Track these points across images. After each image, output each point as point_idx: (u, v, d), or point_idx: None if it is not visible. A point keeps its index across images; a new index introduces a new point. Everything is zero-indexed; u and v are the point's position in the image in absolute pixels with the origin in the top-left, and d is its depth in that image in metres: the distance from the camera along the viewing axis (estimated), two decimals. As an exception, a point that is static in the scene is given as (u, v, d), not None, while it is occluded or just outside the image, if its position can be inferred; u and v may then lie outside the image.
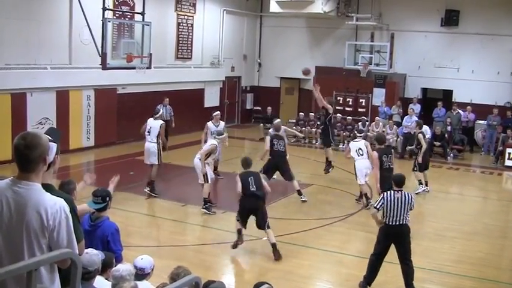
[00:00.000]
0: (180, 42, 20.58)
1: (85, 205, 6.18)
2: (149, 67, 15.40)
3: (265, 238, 9.86)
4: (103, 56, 14.17)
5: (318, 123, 19.83)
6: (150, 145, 12.33)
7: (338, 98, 21.55)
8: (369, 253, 9.25)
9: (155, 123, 12.44)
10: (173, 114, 17.80)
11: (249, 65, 25.05)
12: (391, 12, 21.92)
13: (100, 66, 14.53)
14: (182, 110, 18.81)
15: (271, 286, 4.52)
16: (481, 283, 8.51)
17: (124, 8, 17.38)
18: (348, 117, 20.52)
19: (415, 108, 19.73)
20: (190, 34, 21.01)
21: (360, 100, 21.47)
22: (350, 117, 20.51)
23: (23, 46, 14.66)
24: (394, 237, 7.87)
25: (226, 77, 23.27)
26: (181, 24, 20.49)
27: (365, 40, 22.67)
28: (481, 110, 19.62)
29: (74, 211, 3.62)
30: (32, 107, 14.96)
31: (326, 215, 11.50)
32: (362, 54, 22.05)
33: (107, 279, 4.89)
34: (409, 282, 7.84)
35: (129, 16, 17.60)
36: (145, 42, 14.98)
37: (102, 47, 14.07)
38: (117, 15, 17.05)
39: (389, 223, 7.78)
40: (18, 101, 14.61)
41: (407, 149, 17.22)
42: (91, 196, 6.29)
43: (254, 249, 9.65)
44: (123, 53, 15.11)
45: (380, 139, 10.96)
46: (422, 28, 21.44)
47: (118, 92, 17.78)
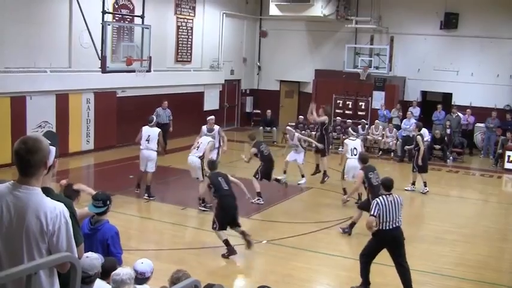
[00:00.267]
0: (180, 45, 20.60)
1: (85, 209, 6.18)
2: (149, 70, 15.41)
3: (264, 241, 9.88)
4: (103, 59, 14.20)
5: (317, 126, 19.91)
6: (150, 152, 12.36)
7: (338, 101, 21.61)
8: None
9: (153, 131, 12.47)
10: (172, 118, 17.81)
11: (249, 68, 25.06)
12: (391, 15, 21.95)
13: (100, 69, 14.55)
14: (182, 113, 18.80)
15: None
16: (481, 286, 8.50)
17: (124, 11, 17.38)
18: (348, 120, 20.50)
19: (414, 111, 19.73)
20: (189, 37, 21.03)
21: (360, 103, 21.49)
22: (350, 120, 20.49)
23: (23, 49, 14.66)
24: (391, 241, 7.84)
25: (225, 80, 23.29)
26: (180, 27, 20.51)
27: (364, 43, 22.69)
28: (481, 113, 19.65)
29: (74, 215, 3.63)
30: (32, 111, 14.94)
31: (325, 218, 11.49)
32: (361, 57, 22.09)
33: (109, 283, 4.88)
34: (409, 285, 7.82)
35: (129, 19, 17.60)
36: (144, 45, 15.01)
37: (101, 50, 14.10)
38: (116, 18, 17.05)
39: (385, 228, 7.76)
40: (17, 104, 14.60)
41: (405, 148, 17.16)
42: (91, 200, 6.30)
43: (254, 252, 9.64)
44: (122, 56, 15.13)
45: (364, 159, 11.11)
46: (421, 31, 21.47)
47: (118, 95, 17.77)
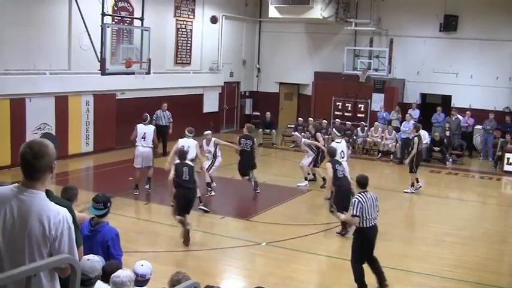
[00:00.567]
0: (179, 47, 20.60)
1: (84, 214, 6.20)
2: (148, 72, 15.39)
3: (264, 243, 9.88)
4: (102, 62, 14.16)
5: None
6: (147, 149, 12.78)
7: (337, 103, 21.66)
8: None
9: (149, 128, 12.89)
10: (172, 120, 17.82)
11: (248, 71, 25.07)
12: (390, 17, 21.97)
13: (99, 71, 14.52)
14: (181, 116, 18.77)
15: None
16: (480, 288, 8.51)
17: (123, 14, 17.40)
18: (347, 122, 20.53)
19: (414, 113, 19.72)
20: (189, 39, 21.04)
21: (359, 105, 21.51)
22: (349, 122, 20.52)
23: (23, 52, 14.67)
24: (371, 238, 7.88)
25: (225, 82, 23.29)
26: (180, 29, 20.52)
27: (364, 45, 22.71)
28: (480, 115, 19.64)
29: (73, 217, 3.63)
30: (31, 113, 14.94)
31: (325, 220, 11.49)
32: (361, 59, 22.10)
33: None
34: (383, 277, 7.86)
35: (128, 21, 17.62)
36: (144, 47, 14.98)
37: (101, 53, 14.07)
38: (116, 20, 17.04)
39: (367, 225, 7.79)
40: (17, 107, 14.60)
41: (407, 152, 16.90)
42: (91, 202, 6.31)
43: (253, 254, 9.65)
44: (122, 59, 15.09)
45: (332, 152, 11.39)
46: (421, 33, 21.50)
47: (117, 98, 17.78)
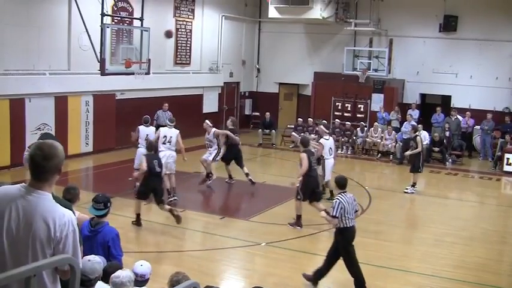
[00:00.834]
0: (179, 47, 20.60)
1: (84, 215, 6.21)
2: (148, 73, 15.39)
3: (264, 244, 9.89)
4: (102, 62, 14.16)
5: (317, 129, 19.90)
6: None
7: (336, 104, 21.67)
8: (368, 258, 9.26)
9: (150, 130, 13.12)
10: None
11: (248, 71, 25.07)
12: (390, 17, 21.97)
13: (99, 71, 14.52)
14: (181, 116, 18.68)
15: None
16: (480, 288, 8.51)
17: (123, 14, 17.39)
18: (347, 122, 20.54)
19: (413, 114, 19.72)
20: (189, 40, 21.04)
21: (359, 106, 21.51)
22: (349, 122, 20.52)
23: (22, 52, 14.67)
24: (352, 238, 7.96)
25: (224, 83, 23.29)
26: (180, 29, 20.52)
27: (363, 46, 22.71)
28: (480, 116, 19.63)
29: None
30: (31, 113, 14.94)
31: (324, 221, 11.44)
32: (360, 59, 22.10)
33: None
34: (321, 278, 7.98)
35: (128, 22, 17.62)
36: (144, 47, 14.98)
37: (100, 53, 14.07)
38: (115, 20, 17.05)
39: (349, 225, 7.87)
40: (16, 107, 14.60)
41: (405, 154, 16.89)
42: (92, 202, 6.31)
43: (253, 254, 9.65)
44: (121, 59, 15.09)
45: (305, 142, 11.48)
46: (420, 34, 21.50)
47: (117, 98, 17.78)
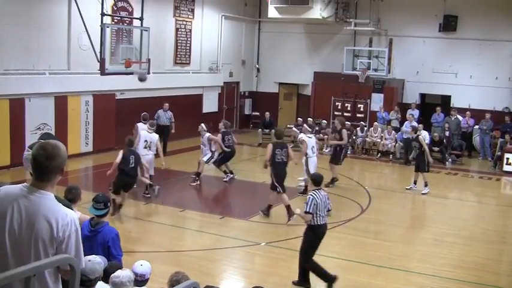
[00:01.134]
0: (179, 47, 20.60)
1: (84, 215, 6.21)
2: (148, 73, 15.39)
3: (263, 243, 9.88)
4: (101, 62, 14.14)
5: (317, 128, 19.94)
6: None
7: (336, 104, 21.67)
8: (368, 258, 9.28)
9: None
10: (173, 120, 17.88)
11: (248, 71, 25.06)
12: (390, 17, 21.97)
13: (98, 71, 14.51)
14: (180, 116, 18.80)
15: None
16: (480, 288, 8.51)
17: (122, 14, 17.39)
18: (347, 122, 20.46)
19: (413, 113, 19.72)
20: (188, 39, 21.04)
21: (358, 105, 21.50)
22: (348, 122, 20.45)
23: (22, 52, 14.67)
24: (322, 236, 7.97)
25: (224, 83, 23.29)
26: (179, 29, 20.51)
27: (363, 45, 22.70)
28: (480, 115, 19.63)
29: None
30: (31, 113, 14.94)
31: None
32: (360, 59, 22.09)
33: None
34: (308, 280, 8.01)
35: (128, 21, 17.62)
36: (143, 47, 14.97)
37: (100, 53, 14.06)
38: (115, 20, 17.04)
39: (320, 222, 7.87)
40: (16, 107, 14.60)
41: (410, 158, 16.43)
42: (92, 202, 6.31)
43: (253, 254, 9.65)
44: (121, 59, 15.07)
45: (279, 135, 11.65)
46: (420, 33, 21.49)
47: (116, 98, 17.78)
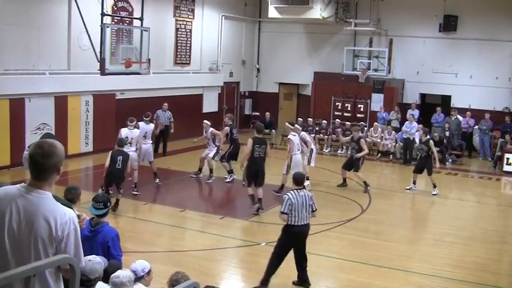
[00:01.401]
0: (179, 47, 20.60)
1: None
2: (148, 73, 15.39)
3: (263, 243, 9.88)
4: (101, 62, 14.14)
5: (317, 128, 19.98)
6: (147, 146, 13.88)
7: (336, 104, 21.70)
8: (368, 258, 9.29)
9: (150, 127, 14.31)
10: (173, 120, 17.84)
11: (248, 71, 25.06)
12: (390, 17, 21.97)
13: (99, 71, 14.51)
14: (181, 116, 18.79)
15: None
16: (479, 288, 8.51)
17: (122, 14, 17.40)
18: (347, 122, 20.54)
19: (414, 113, 19.72)
20: (188, 39, 21.04)
21: (359, 105, 21.52)
22: (348, 122, 20.52)
23: (22, 52, 14.67)
24: (298, 237, 7.93)
25: (224, 83, 23.28)
26: (179, 29, 20.51)
27: (363, 45, 22.71)
28: (480, 115, 19.62)
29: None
30: (31, 113, 14.95)
31: (324, 221, 11.45)
32: (360, 59, 22.10)
33: None
34: (307, 281, 7.99)
35: (128, 21, 17.62)
36: (143, 47, 14.97)
37: (100, 53, 14.06)
38: (115, 20, 17.04)
39: (295, 223, 7.81)
40: (16, 107, 14.60)
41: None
42: (92, 202, 6.31)
43: (253, 254, 9.65)
44: (121, 59, 15.08)
45: (259, 129, 11.84)
46: (420, 33, 21.50)
47: (116, 98, 17.79)
